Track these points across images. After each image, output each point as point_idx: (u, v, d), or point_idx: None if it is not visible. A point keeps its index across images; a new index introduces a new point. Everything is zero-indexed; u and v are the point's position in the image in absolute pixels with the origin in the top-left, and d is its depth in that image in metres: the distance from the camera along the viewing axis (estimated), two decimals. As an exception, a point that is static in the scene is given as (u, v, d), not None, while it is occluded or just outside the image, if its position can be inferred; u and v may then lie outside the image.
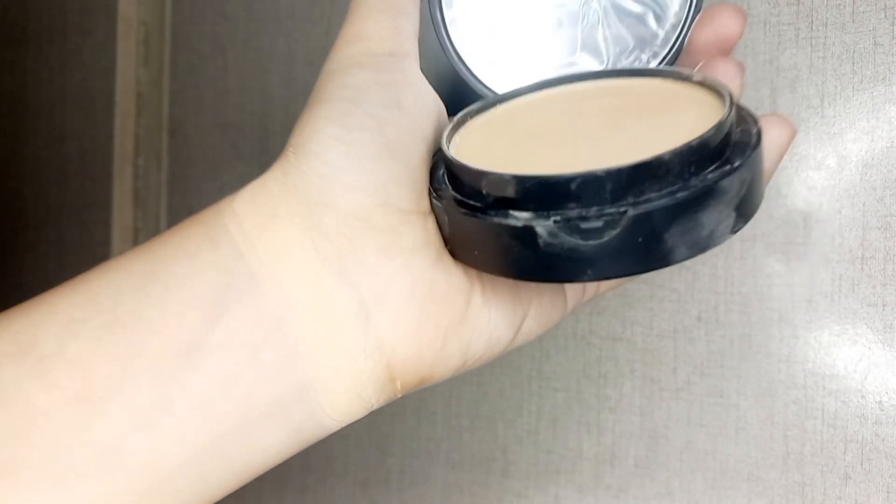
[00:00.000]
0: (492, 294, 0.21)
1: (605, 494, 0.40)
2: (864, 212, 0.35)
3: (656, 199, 0.18)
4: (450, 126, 0.22)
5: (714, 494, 0.38)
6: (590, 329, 0.41)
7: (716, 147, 0.19)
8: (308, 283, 0.19)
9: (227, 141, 0.56)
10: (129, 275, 0.19)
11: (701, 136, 0.18)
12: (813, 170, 0.36)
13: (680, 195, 0.18)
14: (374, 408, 0.21)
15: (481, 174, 0.19)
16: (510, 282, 0.22)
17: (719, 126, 0.19)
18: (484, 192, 0.19)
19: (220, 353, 0.18)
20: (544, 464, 0.42)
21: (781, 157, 0.23)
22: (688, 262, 0.38)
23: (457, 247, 0.21)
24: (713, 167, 0.19)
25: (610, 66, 0.26)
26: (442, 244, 0.21)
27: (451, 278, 0.21)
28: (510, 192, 0.19)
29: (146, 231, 0.60)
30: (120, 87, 0.59)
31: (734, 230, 0.19)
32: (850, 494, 0.35)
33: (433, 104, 0.22)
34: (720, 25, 0.24)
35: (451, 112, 0.24)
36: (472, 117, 0.24)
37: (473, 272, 0.21)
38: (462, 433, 0.45)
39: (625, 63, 0.26)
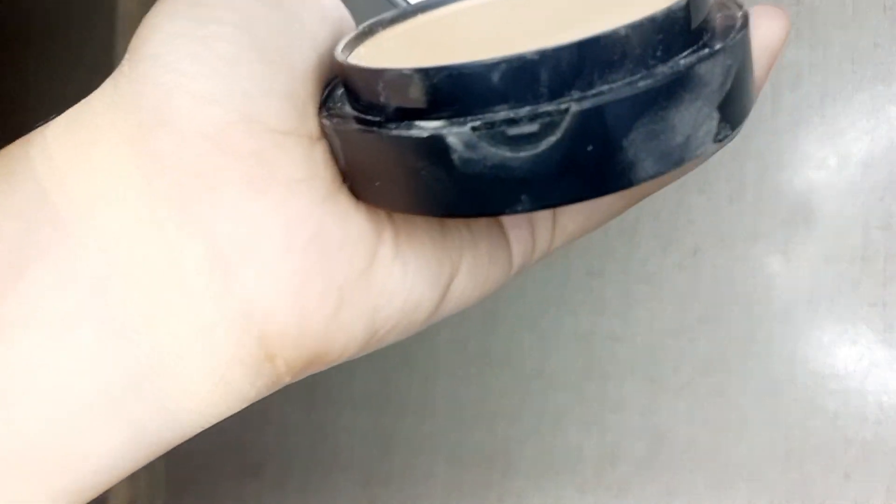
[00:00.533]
0: (407, 244, 0.16)
1: (606, 494, 0.40)
2: (865, 211, 0.35)
3: (610, 92, 0.13)
4: (351, 35, 0.17)
5: (715, 494, 0.38)
6: (591, 328, 0.41)
7: (689, 27, 0.14)
8: (139, 231, 0.14)
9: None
10: None
11: (668, 9, 0.14)
12: (813, 169, 0.36)
13: (642, 84, 0.13)
14: (253, 398, 0.15)
15: (377, 73, 0.14)
16: (432, 228, 0.17)
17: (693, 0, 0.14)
18: (382, 99, 0.14)
19: (20, 331, 0.13)
20: (545, 463, 0.42)
21: (774, 58, 0.17)
22: (688, 262, 0.38)
23: (355, 178, 0.16)
24: (687, 52, 0.14)
25: None
26: (337, 179, 0.16)
27: (348, 222, 0.15)
28: (413, 93, 0.14)
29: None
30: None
31: (718, 138, 0.14)
32: (851, 494, 0.35)
33: (333, 7, 0.17)
34: None
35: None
36: (383, 27, 0.18)
37: (384, 216, 0.16)
38: (463, 432, 0.45)
39: None
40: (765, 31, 0.17)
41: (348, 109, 0.16)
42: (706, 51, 0.14)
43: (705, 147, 0.14)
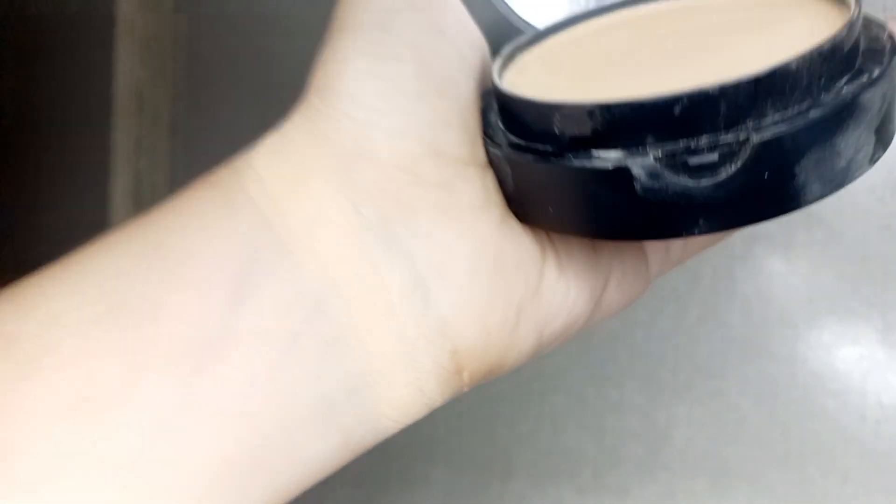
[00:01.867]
0: (567, 261, 0.17)
1: (607, 495, 0.40)
2: (865, 212, 0.35)
3: (784, 122, 0.14)
4: (498, 61, 0.18)
5: (715, 494, 0.38)
6: (590, 330, 0.41)
7: (847, 53, 0.15)
8: (350, 254, 0.15)
9: (228, 141, 0.56)
10: (128, 251, 0.15)
11: (832, 39, 0.14)
12: (813, 170, 0.36)
13: (813, 114, 0.14)
14: (437, 405, 0.17)
15: (553, 107, 0.15)
16: (587, 245, 0.18)
17: (850, 26, 0.15)
18: (557, 130, 0.15)
19: (251, 343, 0.15)
20: (545, 465, 0.42)
21: None
22: (688, 263, 0.38)
23: (525, 205, 0.17)
24: (846, 79, 0.15)
25: None
26: (504, 203, 0.17)
27: (521, 245, 0.17)
28: (593, 125, 0.14)
29: (145, 232, 0.60)
30: (120, 87, 0.59)
31: (873, 160, 0.15)
32: (851, 494, 0.35)
33: (476, 34, 0.18)
34: None
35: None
36: (521, 51, 0.19)
37: (544, 236, 0.17)
38: (463, 435, 0.45)
39: None
40: None
41: (513, 138, 0.17)
42: (865, 78, 0.15)
43: (863, 169, 0.15)
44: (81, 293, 0.15)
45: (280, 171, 0.16)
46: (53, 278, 0.16)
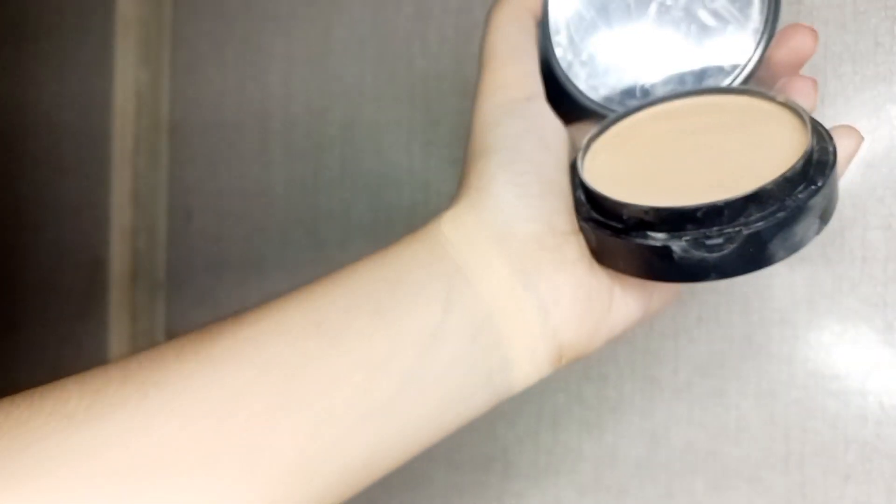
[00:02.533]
0: (629, 289, 0.28)
1: (606, 495, 0.40)
2: (865, 212, 0.35)
3: (763, 220, 0.23)
4: (580, 153, 0.28)
5: (715, 495, 0.38)
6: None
7: (801, 172, 0.24)
8: (505, 289, 0.26)
9: (226, 141, 0.56)
10: (381, 278, 0.26)
11: (793, 167, 0.23)
12: (813, 170, 0.36)
13: (780, 215, 0.23)
14: (544, 376, 0.27)
15: (622, 205, 0.25)
16: (640, 280, 0.27)
17: (806, 157, 0.24)
18: (625, 217, 0.25)
19: (453, 335, 0.25)
20: (545, 464, 0.42)
21: (849, 162, 0.27)
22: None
23: (603, 258, 0.27)
24: (801, 188, 0.24)
25: (696, 84, 0.30)
26: (591, 255, 0.27)
27: (601, 281, 0.27)
28: (648, 218, 0.24)
29: (145, 231, 0.59)
30: (119, 87, 0.59)
31: (818, 232, 0.24)
32: (851, 495, 0.35)
33: (563, 134, 0.28)
34: (796, 44, 0.29)
35: (555, 107, 0.29)
36: (594, 141, 0.29)
37: (614, 274, 0.27)
38: (462, 434, 0.45)
39: (712, 79, 0.30)
40: (845, 146, 0.26)
41: (592, 213, 0.26)
42: (813, 187, 0.23)
43: (811, 239, 0.24)
44: (354, 297, 0.25)
45: (461, 237, 0.26)
46: (340, 286, 0.25)
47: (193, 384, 0.23)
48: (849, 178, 0.35)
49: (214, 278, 0.56)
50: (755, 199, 0.23)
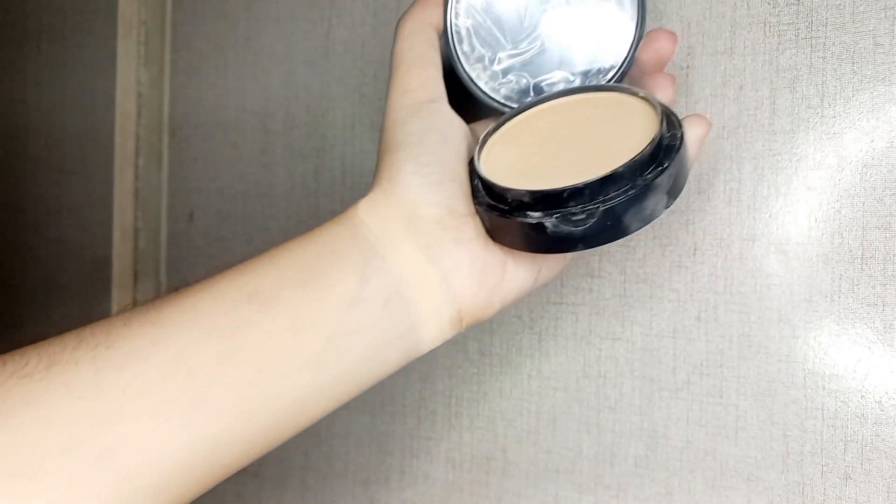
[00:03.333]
0: (520, 261, 0.32)
1: (605, 494, 0.40)
2: (864, 212, 0.35)
3: (617, 197, 0.27)
4: (477, 146, 0.32)
5: (713, 494, 0.38)
6: (589, 329, 0.41)
7: (651, 156, 0.28)
8: (413, 263, 0.30)
9: (228, 141, 0.56)
10: (306, 255, 0.29)
11: (641, 152, 0.28)
12: (812, 170, 0.36)
13: (631, 192, 0.27)
14: (448, 338, 0.31)
15: (507, 190, 0.29)
16: (529, 254, 0.31)
17: (653, 143, 0.28)
18: (509, 200, 0.29)
19: (368, 303, 0.29)
20: (544, 463, 0.42)
21: (700, 144, 0.32)
22: (686, 262, 0.38)
23: (495, 235, 0.31)
24: (651, 169, 0.28)
25: (581, 82, 0.35)
26: (486, 233, 0.31)
27: (495, 256, 0.31)
28: (527, 200, 0.29)
29: (146, 231, 0.60)
30: (120, 88, 0.59)
31: (667, 206, 0.29)
32: (851, 494, 0.35)
33: (463, 130, 0.32)
34: (658, 46, 0.34)
35: (459, 107, 0.33)
36: (490, 135, 0.33)
37: (506, 249, 0.31)
38: (462, 433, 0.45)
39: (592, 78, 0.35)
40: (695, 132, 0.31)
41: (486, 198, 0.31)
42: (660, 168, 0.28)
43: (659, 213, 0.29)
44: (283, 271, 0.29)
45: (374, 219, 0.30)
46: (270, 262, 0.29)
47: (139, 345, 0.26)
48: (848, 178, 0.35)
49: (216, 278, 0.56)
50: (610, 180, 0.27)
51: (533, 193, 0.28)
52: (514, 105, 0.35)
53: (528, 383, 0.43)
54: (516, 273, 0.32)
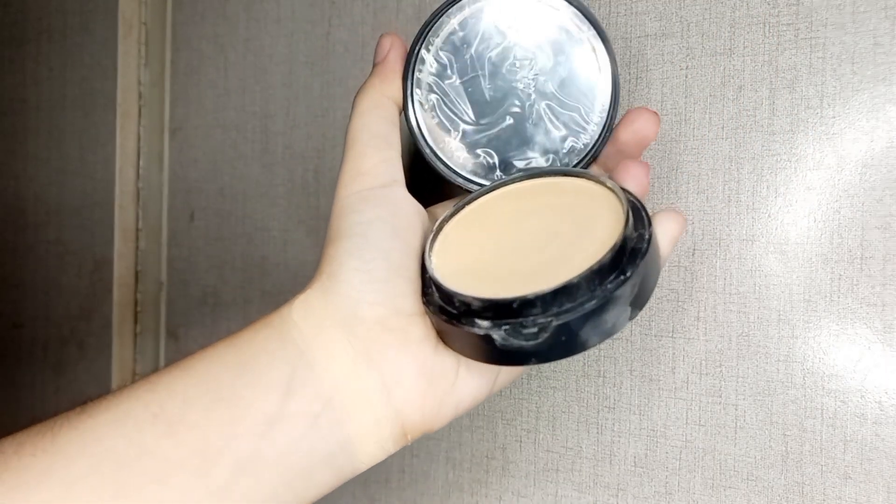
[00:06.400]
0: (474, 367, 0.29)
1: (604, 493, 0.41)
2: (863, 212, 0.35)
3: (573, 310, 0.24)
4: (430, 236, 0.30)
5: (713, 494, 0.38)
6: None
7: (613, 263, 0.25)
8: (348, 371, 0.27)
9: (228, 141, 0.56)
10: (225, 365, 0.27)
11: (600, 260, 0.25)
12: (812, 170, 0.36)
13: (588, 306, 0.24)
14: (392, 452, 0.28)
15: (454, 294, 0.26)
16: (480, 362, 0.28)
17: (614, 249, 0.25)
18: (456, 304, 0.27)
19: (293, 421, 0.26)
20: (543, 462, 0.42)
21: (674, 243, 0.30)
22: (685, 262, 0.38)
23: (443, 339, 0.28)
24: (612, 278, 0.25)
25: (552, 161, 0.33)
26: (436, 335, 0.28)
27: (445, 361, 0.28)
28: (475, 307, 0.26)
29: (147, 232, 0.60)
30: (120, 88, 0.59)
31: (631, 318, 0.26)
32: (850, 494, 0.35)
33: (419, 217, 0.30)
34: (639, 127, 0.31)
35: (425, 185, 0.33)
36: (446, 223, 0.31)
37: (457, 355, 0.28)
38: (461, 432, 0.45)
39: (563, 157, 0.32)
40: (667, 228, 0.29)
41: (436, 298, 0.28)
42: (622, 277, 0.25)
43: (622, 325, 0.26)
44: (197, 386, 0.26)
45: (308, 323, 0.27)
46: (184, 374, 0.26)
47: (25, 479, 0.23)
48: (848, 178, 0.35)
49: (216, 278, 0.56)
50: (565, 292, 0.24)
51: (482, 302, 0.25)
52: (482, 181, 0.33)
53: (528, 383, 0.43)
54: (470, 379, 0.28)
